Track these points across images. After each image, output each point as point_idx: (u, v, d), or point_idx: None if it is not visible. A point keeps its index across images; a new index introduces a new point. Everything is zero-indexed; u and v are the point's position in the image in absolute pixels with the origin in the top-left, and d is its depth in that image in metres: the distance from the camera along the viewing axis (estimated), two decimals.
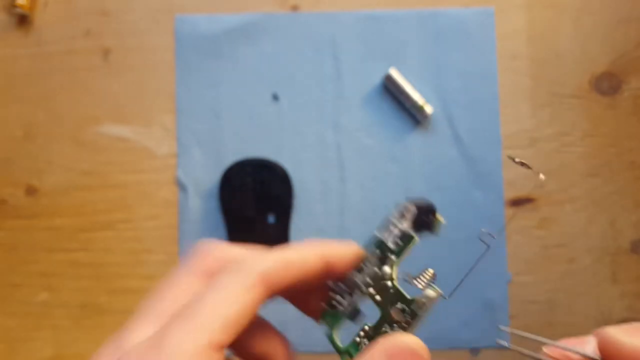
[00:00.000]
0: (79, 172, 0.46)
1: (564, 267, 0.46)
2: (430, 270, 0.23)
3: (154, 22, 0.47)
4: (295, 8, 0.47)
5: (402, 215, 0.24)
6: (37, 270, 0.46)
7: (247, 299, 0.20)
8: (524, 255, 0.46)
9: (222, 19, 0.47)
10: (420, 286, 0.23)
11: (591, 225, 0.46)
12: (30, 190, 0.46)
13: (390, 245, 0.23)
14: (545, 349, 0.20)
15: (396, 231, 0.23)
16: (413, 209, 0.23)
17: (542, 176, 0.24)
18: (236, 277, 0.20)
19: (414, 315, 0.22)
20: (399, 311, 0.23)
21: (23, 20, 0.47)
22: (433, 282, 0.23)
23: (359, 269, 0.23)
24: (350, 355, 0.22)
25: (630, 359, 0.16)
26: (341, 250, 0.23)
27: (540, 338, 0.21)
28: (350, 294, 0.23)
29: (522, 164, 0.24)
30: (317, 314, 0.24)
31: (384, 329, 0.22)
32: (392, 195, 0.46)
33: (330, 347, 0.23)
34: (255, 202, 0.45)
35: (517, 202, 0.46)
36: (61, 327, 0.45)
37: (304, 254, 0.22)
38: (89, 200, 0.46)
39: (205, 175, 0.46)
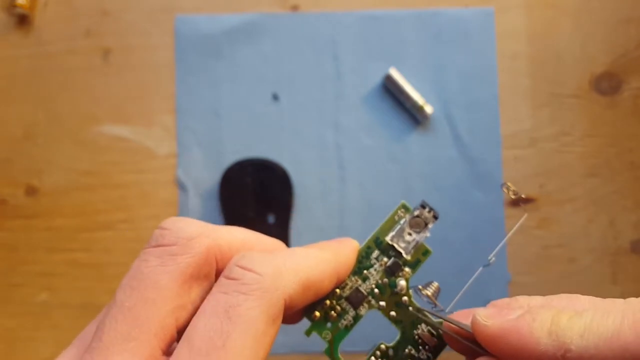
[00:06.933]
0: (79, 172, 0.46)
1: (564, 267, 0.46)
2: (435, 284, 0.21)
3: (154, 22, 0.47)
4: (295, 8, 0.47)
5: (417, 225, 0.21)
6: (37, 270, 0.46)
7: (272, 335, 0.16)
8: (524, 255, 0.46)
9: (222, 19, 0.47)
10: (429, 297, 0.20)
11: (591, 225, 0.46)
12: (30, 190, 0.46)
13: (407, 256, 0.21)
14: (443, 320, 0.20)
15: (412, 241, 0.21)
16: (432, 219, 0.21)
17: (492, 258, 0.22)
18: (260, 306, 0.16)
19: (441, 339, 0.20)
20: (429, 335, 0.20)
21: (23, 20, 0.47)
22: (437, 296, 0.21)
23: (363, 276, 0.20)
24: None
25: (486, 338, 0.17)
26: (349, 259, 0.20)
27: (437, 313, 0.20)
28: (355, 307, 0.20)
29: (515, 193, 0.22)
30: (294, 320, 0.20)
31: (407, 350, 0.20)
32: (392, 195, 0.46)
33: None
34: (255, 202, 0.45)
35: (517, 202, 0.46)
36: (61, 327, 0.45)
37: (321, 270, 0.18)
38: (89, 200, 0.46)
39: (205, 175, 0.46)
